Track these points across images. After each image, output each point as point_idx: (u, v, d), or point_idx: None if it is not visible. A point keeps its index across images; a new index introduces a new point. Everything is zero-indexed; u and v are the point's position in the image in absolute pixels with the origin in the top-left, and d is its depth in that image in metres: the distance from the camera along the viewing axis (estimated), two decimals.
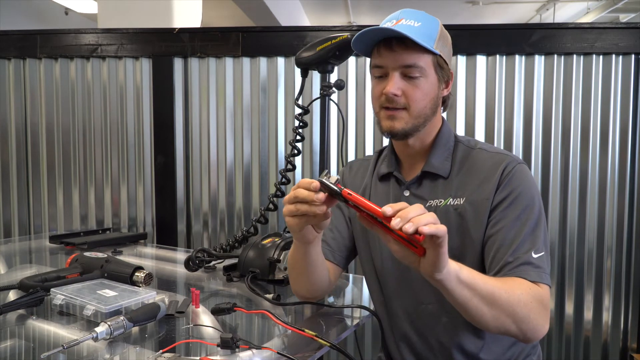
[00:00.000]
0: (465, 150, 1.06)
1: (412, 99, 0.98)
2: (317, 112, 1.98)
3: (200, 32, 2.07)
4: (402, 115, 0.99)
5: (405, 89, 0.98)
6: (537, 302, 0.88)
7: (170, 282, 1.43)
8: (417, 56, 0.97)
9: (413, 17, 0.98)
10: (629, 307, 1.91)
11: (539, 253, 0.93)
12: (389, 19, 1.01)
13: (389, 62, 0.98)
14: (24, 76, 2.19)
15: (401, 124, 1.00)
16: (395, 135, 1.01)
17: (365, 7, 7.55)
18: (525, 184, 0.98)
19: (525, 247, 0.93)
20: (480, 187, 0.99)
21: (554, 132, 1.90)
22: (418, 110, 1.00)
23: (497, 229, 0.96)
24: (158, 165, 2.12)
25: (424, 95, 0.99)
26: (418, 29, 0.96)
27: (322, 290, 1.08)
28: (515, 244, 0.93)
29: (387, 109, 1.00)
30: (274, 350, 0.85)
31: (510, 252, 0.93)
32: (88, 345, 0.87)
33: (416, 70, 0.97)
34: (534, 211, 0.96)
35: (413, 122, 1.00)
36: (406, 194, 1.07)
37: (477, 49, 1.88)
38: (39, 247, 1.85)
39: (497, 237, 0.95)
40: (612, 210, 1.89)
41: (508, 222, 0.95)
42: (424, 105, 1.00)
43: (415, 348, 1.08)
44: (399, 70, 0.98)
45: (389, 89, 0.97)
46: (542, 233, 0.96)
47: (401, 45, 0.96)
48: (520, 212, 0.95)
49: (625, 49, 1.84)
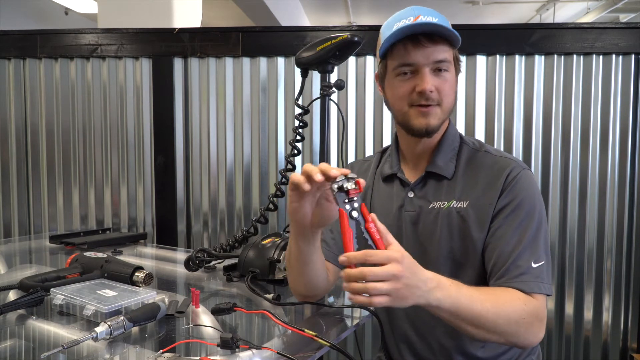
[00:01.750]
0: (470, 152, 1.05)
1: (444, 94, 0.99)
2: (317, 112, 1.98)
3: (200, 32, 2.07)
4: (436, 112, 0.99)
5: (437, 85, 0.98)
6: (530, 317, 0.88)
7: (170, 282, 1.43)
8: (445, 50, 0.97)
9: (429, 13, 0.98)
10: (629, 307, 1.91)
11: (539, 262, 0.93)
12: (403, 16, 0.99)
13: (420, 59, 0.97)
14: (24, 76, 2.19)
15: (435, 120, 1.00)
16: (431, 132, 1.01)
17: (365, 7, 7.55)
18: (529, 191, 0.97)
19: (525, 256, 0.93)
20: (483, 192, 0.99)
21: (554, 132, 1.90)
22: (448, 104, 1.01)
23: (498, 236, 0.96)
24: (158, 165, 2.12)
25: (451, 89, 1.00)
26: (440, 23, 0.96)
27: (320, 289, 1.07)
28: (516, 252, 0.93)
29: (420, 107, 0.99)
30: (274, 350, 0.85)
31: (510, 261, 0.93)
32: (88, 345, 0.87)
33: (445, 65, 0.98)
34: (535, 218, 0.96)
35: (443, 118, 1.01)
36: (410, 195, 1.06)
37: (477, 49, 1.88)
38: (39, 247, 1.85)
39: (498, 244, 0.95)
40: (612, 210, 1.89)
41: (509, 229, 0.95)
42: (452, 99, 1.01)
43: (416, 349, 1.08)
44: (430, 66, 0.97)
45: (425, 86, 0.96)
46: (542, 241, 0.96)
47: (430, 41, 0.96)
48: (522, 219, 0.95)
49: (625, 49, 1.83)
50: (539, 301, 0.91)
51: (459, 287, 0.84)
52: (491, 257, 0.96)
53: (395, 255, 0.75)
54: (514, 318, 0.87)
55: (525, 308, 0.88)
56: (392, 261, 0.75)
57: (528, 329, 0.88)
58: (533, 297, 0.90)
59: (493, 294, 0.89)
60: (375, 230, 0.79)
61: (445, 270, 1.01)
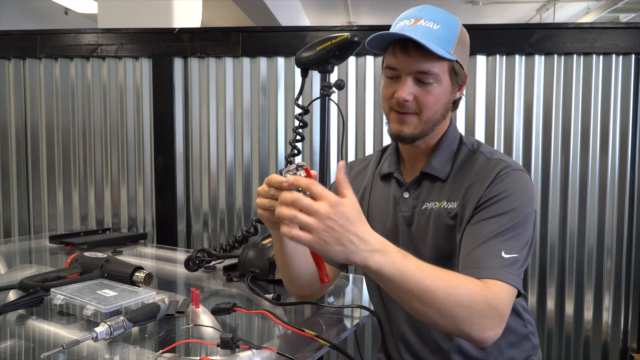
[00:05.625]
0: (467, 154, 1.04)
1: (423, 105, 0.96)
2: (317, 112, 1.98)
3: (200, 32, 2.07)
4: (412, 120, 0.98)
5: (418, 95, 0.96)
6: (486, 305, 0.81)
7: (170, 282, 1.43)
8: (432, 63, 0.94)
9: (433, 18, 0.95)
10: (629, 307, 1.91)
11: (510, 254, 0.87)
12: (407, 15, 0.97)
13: (403, 66, 0.95)
14: (24, 76, 2.19)
15: (410, 129, 0.98)
16: (402, 139, 1.00)
17: (365, 7, 7.55)
18: (517, 190, 0.93)
19: (496, 245, 0.88)
20: (472, 190, 0.97)
21: (554, 132, 1.90)
22: (428, 116, 0.98)
23: (472, 223, 0.93)
24: (158, 165, 2.12)
25: (435, 101, 0.97)
26: (437, 33, 0.93)
27: (315, 286, 1.05)
28: (485, 238, 0.89)
29: (397, 113, 0.98)
30: (274, 350, 0.85)
31: (478, 245, 0.89)
32: (88, 345, 0.87)
33: (430, 77, 0.95)
34: (519, 217, 0.91)
35: (422, 127, 0.99)
36: (405, 195, 1.06)
37: (477, 49, 1.88)
38: (39, 247, 1.85)
39: (470, 230, 0.93)
40: (612, 211, 1.89)
41: (485, 217, 0.92)
42: (435, 111, 0.98)
43: (414, 349, 1.08)
44: (412, 76, 0.95)
45: (400, 94, 0.95)
46: (521, 239, 0.90)
47: (418, 50, 0.93)
48: (503, 212, 0.91)
49: (625, 49, 1.84)
50: (501, 290, 0.84)
51: (407, 257, 0.79)
52: (462, 245, 0.93)
53: (330, 197, 0.73)
54: (467, 301, 0.79)
55: (482, 294, 0.81)
56: (324, 200, 0.72)
57: (482, 319, 0.80)
58: (494, 285, 0.84)
59: (448, 273, 0.82)
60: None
61: None
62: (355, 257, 0.74)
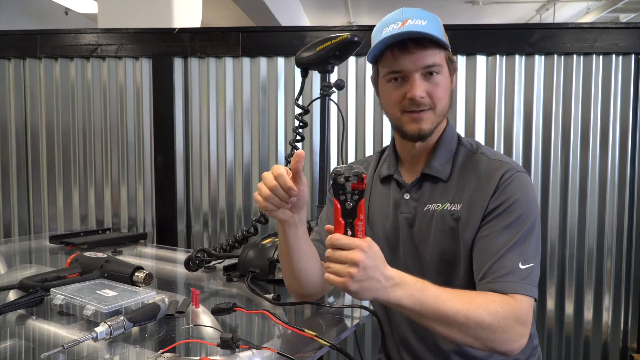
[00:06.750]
0: (467, 154, 1.04)
1: (436, 98, 0.98)
2: (317, 112, 1.98)
3: (200, 32, 2.07)
4: (428, 116, 0.99)
5: (429, 89, 0.97)
6: (507, 321, 0.83)
7: (170, 282, 1.43)
8: (434, 55, 0.96)
9: (417, 16, 0.97)
10: (629, 307, 1.91)
11: (527, 264, 0.90)
12: (391, 20, 0.98)
13: (409, 65, 0.96)
14: (24, 76, 2.19)
15: (428, 125, 0.99)
16: (423, 137, 1.00)
17: (365, 7, 7.55)
18: (522, 193, 0.95)
19: (512, 257, 0.90)
20: (476, 194, 0.98)
21: (554, 132, 1.90)
22: (442, 107, 1.00)
23: (485, 234, 0.94)
24: (158, 165, 2.12)
25: (444, 92, 0.99)
26: (428, 27, 0.95)
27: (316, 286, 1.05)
28: (502, 251, 0.91)
29: (412, 112, 0.98)
30: (274, 350, 0.85)
31: (495, 259, 0.90)
32: (88, 345, 0.87)
33: (435, 69, 0.97)
34: (528, 222, 0.93)
35: (437, 121, 1.00)
36: (406, 197, 1.06)
37: (477, 49, 1.88)
38: (39, 247, 1.85)
39: (485, 242, 0.94)
40: (612, 210, 1.89)
41: (498, 228, 0.93)
42: (447, 102, 1.00)
43: (415, 350, 1.08)
44: (419, 72, 0.96)
45: (415, 92, 0.95)
46: (533, 245, 0.93)
47: (418, 46, 0.95)
48: (513, 220, 0.93)
49: (625, 49, 1.84)
50: (520, 303, 0.86)
51: (425, 286, 0.82)
52: (477, 256, 0.94)
53: (360, 243, 0.76)
54: (487, 321, 0.82)
55: (502, 312, 0.83)
56: (355, 248, 0.76)
57: (505, 334, 0.83)
58: (514, 299, 0.86)
59: (467, 294, 0.86)
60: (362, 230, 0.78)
61: (438, 273, 1.01)
62: (380, 295, 0.79)
